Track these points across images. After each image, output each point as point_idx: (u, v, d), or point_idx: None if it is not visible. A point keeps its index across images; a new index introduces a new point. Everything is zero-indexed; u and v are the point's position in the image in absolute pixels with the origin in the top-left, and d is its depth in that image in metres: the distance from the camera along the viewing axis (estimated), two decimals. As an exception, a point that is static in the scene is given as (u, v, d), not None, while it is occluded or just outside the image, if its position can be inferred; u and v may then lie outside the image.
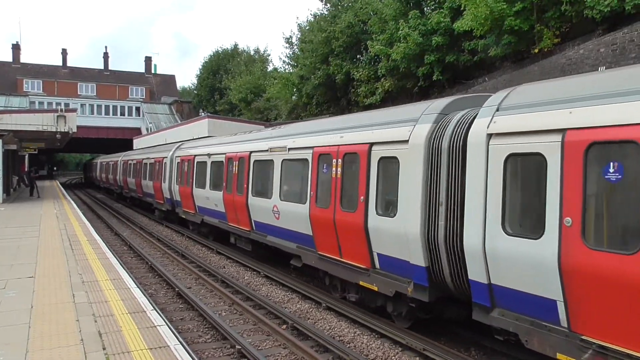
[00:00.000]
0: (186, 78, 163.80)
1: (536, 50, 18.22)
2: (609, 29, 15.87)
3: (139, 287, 9.29)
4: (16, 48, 69.24)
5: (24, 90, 62.19)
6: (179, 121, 50.64)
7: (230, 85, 49.45)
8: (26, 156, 45.29)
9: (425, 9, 24.36)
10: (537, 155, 5.85)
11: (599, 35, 16.12)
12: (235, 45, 61.61)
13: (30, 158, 48.80)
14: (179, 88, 78.67)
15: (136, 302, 7.91)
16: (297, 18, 71.34)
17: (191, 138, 27.12)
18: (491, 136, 6.47)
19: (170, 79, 78.25)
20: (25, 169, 44.40)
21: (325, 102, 32.00)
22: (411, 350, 8.00)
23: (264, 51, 57.66)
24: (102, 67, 74.03)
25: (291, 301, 10.99)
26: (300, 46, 34.61)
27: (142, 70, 76.73)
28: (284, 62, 39.71)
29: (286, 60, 38.58)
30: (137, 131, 55.12)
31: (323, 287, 11.45)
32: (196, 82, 68.03)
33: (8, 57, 69.35)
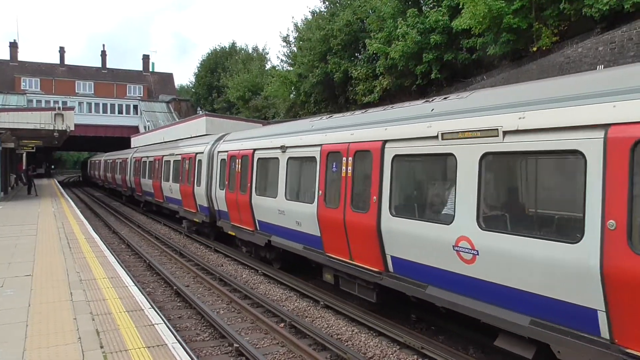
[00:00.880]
0: (184, 76, 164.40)
1: (534, 49, 18.25)
2: (607, 27, 15.90)
3: (136, 286, 9.26)
4: (14, 46, 68.99)
5: (22, 88, 61.97)
6: (177, 119, 50.50)
7: (228, 84, 49.45)
8: (24, 154, 45.24)
9: (424, 7, 24.36)
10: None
11: (597, 33, 16.13)
12: (233, 44, 61.75)
13: (27, 156, 48.75)
14: (176, 86, 78.48)
15: (134, 301, 7.89)
16: (293, 17, 71.31)
17: (189, 136, 26.76)
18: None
19: (168, 77, 78.07)
20: (23, 167, 44.35)
21: (323, 101, 31.99)
22: (409, 349, 7.99)
23: (262, 49, 57.74)
24: (100, 66, 73.78)
25: (289, 299, 10.98)
26: (298, 44, 34.59)
27: (140, 68, 76.49)
28: (281, 61, 39.79)
29: (284, 59, 38.65)
30: (135, 129, 55.01)
31: (321, 285, 11.44)
32: (194, 81, 68.14)
33: (6, 55, 69.20)
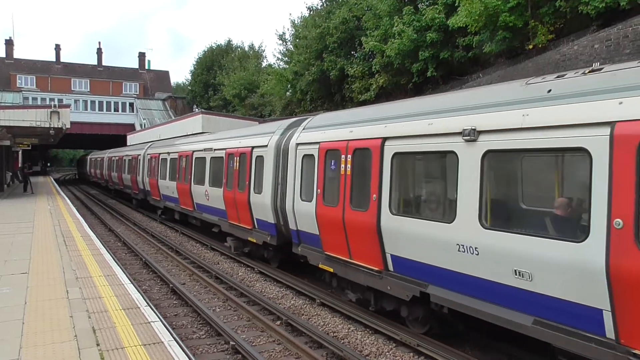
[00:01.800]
0: (180, 74, 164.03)
1: (530, 47, 18.28)
2: (603, 25, 15.92)
3: (132, 283, 9.28)
4: (9, 43, 68.69)
5: (18, 86, 61.79)
6: (173, 117, 50.43)
7: (224, 82, 49.37)
8: (20, 152, 45.15)
9: (420, 5, 24.35)
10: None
11: (593, 31, 16.16)
12: (229, 41, 61.60)
13: (23, 154, 48.66)
14: (172, 84, 78.26)
15: (130, 298, 7.90)
16: (290, 15, 71.17)
17: (185, 134, 26.72)
18: None
19: (164, 74, 77.90)
20: (19, 165, 44.26)
21: (320, 98, 31.96)
22: (405, 346, 8.02)
23: (259, 47, 57.62)
24: (96, 63, 73.53)
25: (285, 297, 10.99)
26: (294, 42, 34.53)
27: (136, 66, 76.26)
28: (277, 59, 39.73)
29: (280, 57, 38.59)
30: (131, 127, 54.91)
31: (317, 283, 11.46)
32: (190, 78, 67.92)
33: (1, 53, 68.86)
